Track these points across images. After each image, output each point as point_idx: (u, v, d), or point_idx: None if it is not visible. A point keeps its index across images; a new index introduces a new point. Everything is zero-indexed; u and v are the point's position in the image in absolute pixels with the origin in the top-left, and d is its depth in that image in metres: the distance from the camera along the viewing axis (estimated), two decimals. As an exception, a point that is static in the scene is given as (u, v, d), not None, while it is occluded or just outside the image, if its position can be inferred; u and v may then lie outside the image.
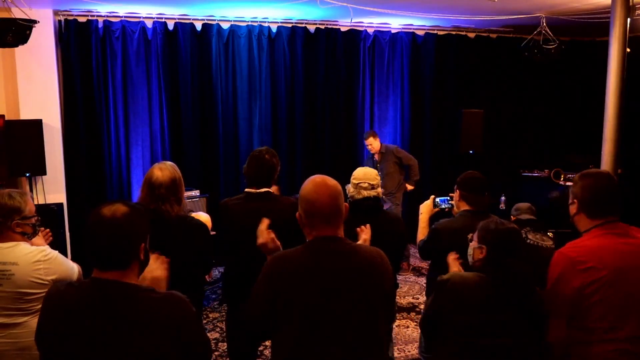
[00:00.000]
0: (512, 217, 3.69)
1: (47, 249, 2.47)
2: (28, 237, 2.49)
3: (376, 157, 6.28)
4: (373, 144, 6.23)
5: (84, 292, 1.63)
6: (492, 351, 2.17)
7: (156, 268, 1.98)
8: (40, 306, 2.43)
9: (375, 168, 5.53)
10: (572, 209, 2.28)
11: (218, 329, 4.57)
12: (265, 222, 2.33)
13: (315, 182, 1.97)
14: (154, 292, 1.68)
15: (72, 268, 2.49)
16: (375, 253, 1.99)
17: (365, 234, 2.54)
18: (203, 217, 2.98)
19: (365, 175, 3.01)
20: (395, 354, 4.14)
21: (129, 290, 1.63)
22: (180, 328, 1.62)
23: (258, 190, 2.94)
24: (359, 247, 2.01)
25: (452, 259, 2.71)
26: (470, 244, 2.40)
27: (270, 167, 2.97)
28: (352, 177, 3.04)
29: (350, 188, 3.00)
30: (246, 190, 2.99)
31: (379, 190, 3.03)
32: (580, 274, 2.09)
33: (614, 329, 2.08)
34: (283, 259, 1.94)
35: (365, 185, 2.97)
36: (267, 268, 1.92)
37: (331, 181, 1.99)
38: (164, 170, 2.61)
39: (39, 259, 2.39)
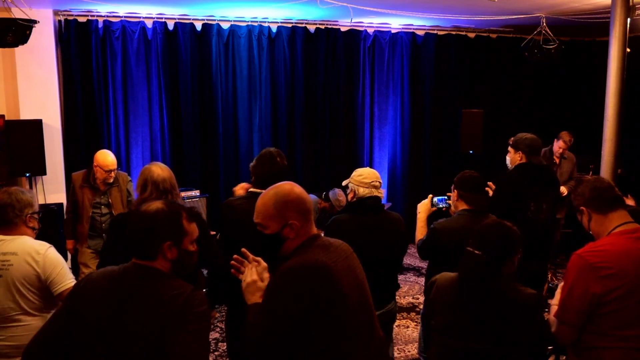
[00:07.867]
0: None
1: (52, 247, 2.52)
2: (35, 231, 2.60)
3: (556, 160, 5.84)
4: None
5: (120, 267, 1.75)
6: (465, 355, 2.13)
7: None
8: (41, 306, 2.46)
9: (555, 171, 5.25)
10: (584, 218, 2.24)
11: (218, 329, 4.57)
12: None
13: (293, 185, 1.94)
14: (186, 285, 1.72)
15: (70, 278, 2.49)
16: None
17: None
18: None
19: (375, 174, 3.04)
20: (395, 354, 4.14)
21: (160, 275, 1.72)
22: (185, 318, 1.64)
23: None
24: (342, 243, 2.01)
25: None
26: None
27: (282, 169, 2.99)
28: (359, 177, 3.01)
29: (359, 188, 2.99)
30: (250, 190, 2.99)
31: (381, 190, 3.07)
32: (600, 280, 2.02)
33: (632, 337, 2.03)
34: (317, 266, 1.77)
35: (377, 184, 2.99)
36: (299, 279, 1.75)
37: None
38: (163, 168, 2.70)
39: (38, 251, 2.45)
